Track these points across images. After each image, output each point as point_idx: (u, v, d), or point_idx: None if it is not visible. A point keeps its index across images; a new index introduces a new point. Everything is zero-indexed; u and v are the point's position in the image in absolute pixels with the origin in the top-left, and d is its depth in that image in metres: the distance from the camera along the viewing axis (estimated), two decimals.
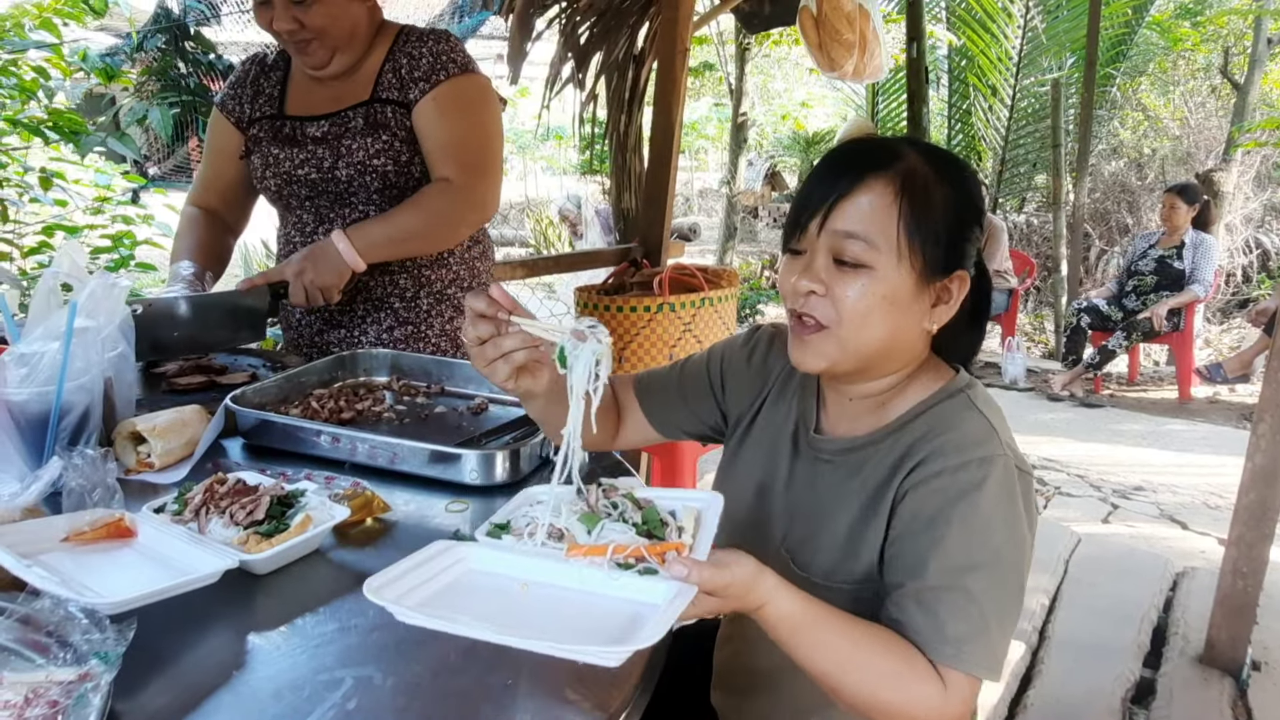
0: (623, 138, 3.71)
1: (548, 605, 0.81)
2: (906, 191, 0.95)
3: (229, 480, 1.06)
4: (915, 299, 0.97)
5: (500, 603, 0.82)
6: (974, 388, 1.03)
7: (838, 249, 0.95)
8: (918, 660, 0.88)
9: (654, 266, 3.25)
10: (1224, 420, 5.08)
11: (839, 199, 0.95)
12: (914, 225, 0.95)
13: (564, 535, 0.86)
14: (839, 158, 1.01)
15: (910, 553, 0.93)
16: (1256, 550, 2.40)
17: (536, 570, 0.84)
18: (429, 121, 1.75)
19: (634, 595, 0.81)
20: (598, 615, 0.79)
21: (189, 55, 2.95)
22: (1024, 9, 8.36)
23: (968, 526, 0.91)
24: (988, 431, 0.97)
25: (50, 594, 0.80)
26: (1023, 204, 9.32)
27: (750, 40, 9.95)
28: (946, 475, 0.93)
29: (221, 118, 1.89)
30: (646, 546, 0.83)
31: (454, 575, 0.85)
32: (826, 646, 0.87)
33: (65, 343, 1.14)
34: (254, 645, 0.86)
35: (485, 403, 1.54)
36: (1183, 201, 5.51)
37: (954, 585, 0.89)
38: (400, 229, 1.71)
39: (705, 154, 16.53)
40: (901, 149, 0.98)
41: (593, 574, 0.82)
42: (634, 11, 3.62)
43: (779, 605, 0.85)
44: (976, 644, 0.88)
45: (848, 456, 1.04)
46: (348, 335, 1.86)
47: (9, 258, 3.27)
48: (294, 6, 1.65)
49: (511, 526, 0.89)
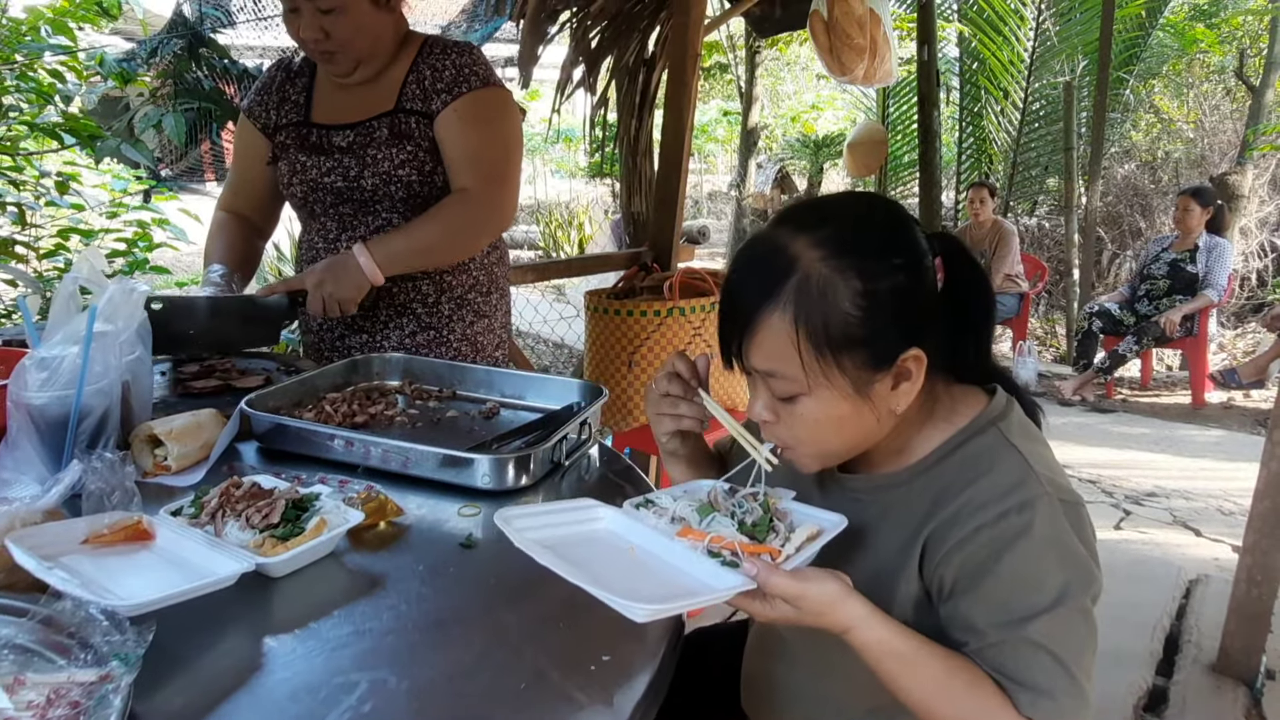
0: (633, 142, 3.71)
1: (636, 567, 0.90)
2: (800, 314, 0.87)
3: (245, 484, 1.07)
4: (860, 406, 0.91)
5: (603, 555, 0.91)
6: (1006, 418, 0.96)
7: (766, 385, 0.93)
8: (1003, 701, 0.85)
9: (664, 270, 3.25)
10: (1238, 426, 5.06)
11: (742, 342, 0.91)
12: (819, 347, 0.87)
13: (681, 519, 0.95)
14: (734, 281, 0.94)
15: (965, 614, 0.89)
16: (1271, 558, 2.39)
17: (649, 540, 0.93)
18: (450, 132, 1.76)
19: (706, 578, 0.86)
20: (665, 584, 0.86)
21: (204, 60, 2.97)
22: (1036, 11, 8.33)
23: (1019, 576, 0.87)
24: (1023, 471, 0.90)
25: (71, 596, 0.81)
26: (1034, 207, 9.28)
27: (761, 44, 9.96)
28: (986, 529, 0.88)
29: (249, 124, 1.91)
30: (743, 544, 0.89)
31: (586, 528, 0.95)
32: (912, 682, 0.86)
33: (85, 347, 1.15)
34: (270, 648, 0.87)
35: (497, 407, 1.55)
36: (1197, 204, 5.47)
37: (1016, 638, 0.86)
38: (421, 241, 1.73)
39: (715, 157, 16.54)
40: (795, 250, 0.89)
41: (686, 554, 0.89)
42: (645, 16, 3.62)
43: (866, 632, 0.85)
44: (1058, 692, 0.85)
45: (879, 496, 1.00)
46: (369, 340, 1.87)
47: (26, 260, 3.31)
48: (321, 16, 1.67)
49: (655, 502, 0.98)
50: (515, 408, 1.56)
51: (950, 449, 0.95)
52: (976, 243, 6.48)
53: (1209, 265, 5.34)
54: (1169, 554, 3.33)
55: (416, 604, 0.95)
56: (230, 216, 1.94)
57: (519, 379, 1.62)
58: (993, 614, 0.87)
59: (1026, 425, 0.98)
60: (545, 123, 4.20)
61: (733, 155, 13.41)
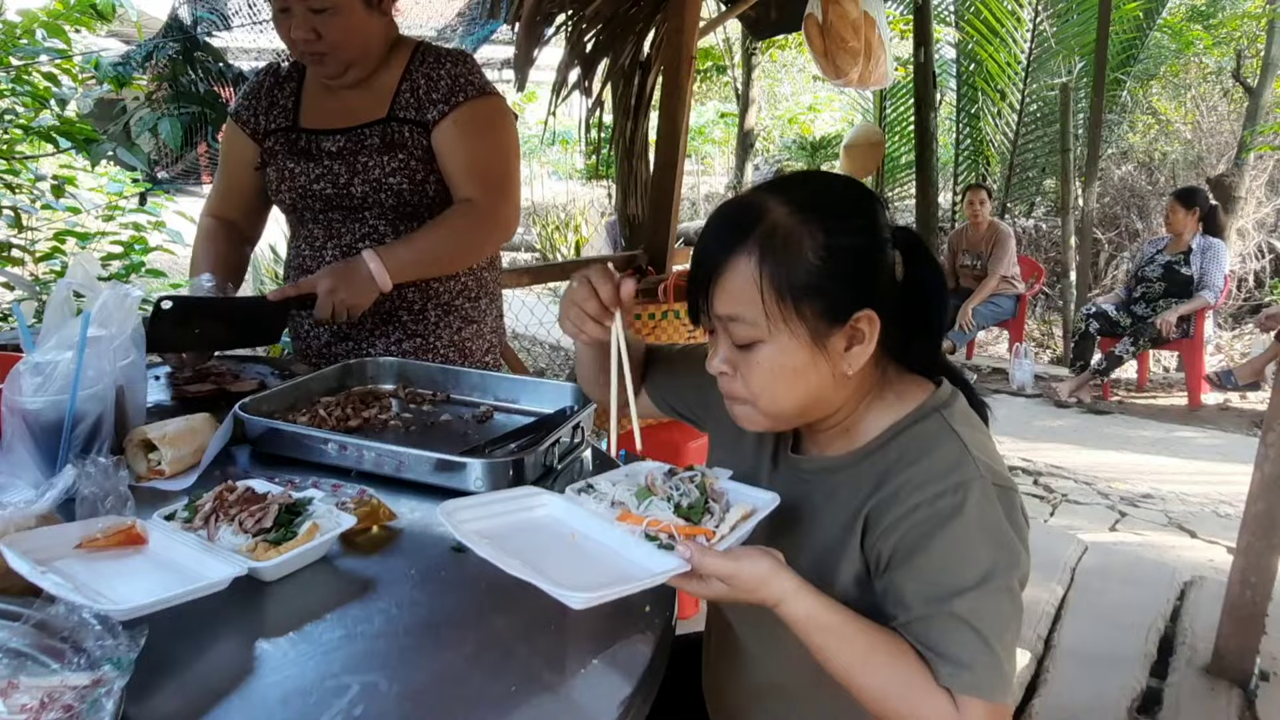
0: (629, 144, 3.72)
1: (577, 554, 0.93)
2: (766, 259, 0.92)
3: (238, 488, 1.07)
4: (816, 357, 0.94)
5: (544, 544, 0.94)
6: (949, 406, 1.00)
7: (728, 332, 0.96)
8: (923, 674, 0.88)
9: (659, 273, 3.26)
10: (1234, 427, 5.06)
11: (710, 286, 0.95)
12: (782, 291, 0.92)
13: (620, 503, 0.97)
14: (705, 237, 0.99)
15: (897, 588, 0.92)
16: (1265, 560, 2.40)
17: (590, 525, 0.96)
18: (450, 143, 1.77)
19: (644, 562, 0.89)
20: (606, 570, 0.89)
21: (199, 63, 2.98)
22: (1033, 13, 8.35)
23: (949, 554, 0.90)
24: (961, 455, 0.94)
25: (65, 600, 0.81)
26: (1031, 209, 9.30)
27: (757, 46, 9.97)
28: (924, 508, 0.92)
29: (236, 129, 1.90)
30: (679, 527, 0.91)
31: (528, 515, 0.99)
32: (837, 654, 0.89)
33: (79, 352, 1.15)
34: (262, 651, 0.88)
35: (490, 411, 1.55)
36: (1181, 206, 5.46)
37: (941, 613, 0.89)
38: (429, 250, 1.73)
39: (712, 159, 16.55)
40: (765, 204, 0.95)
41: (625, 538, 0.92)
42: (640, 19, 3.64)
43: (795, 605, 0.88)
44: (977, 666, 0.87)
45: (826, 478, 1.04)
46: (355, 348, 1.87)
47: (22, 264, 3.31)
48: (313, 16, 1.66)
49: (596, 487, 0.99)
50: (509, 411, 1.57)
51: (895, 433, 0.99)
52: (973, 244, 6.49)
53: (1203, 266, 5.34)
54: (1164, 556, 3.33)
55: (408, 608, 0.96)
56: (218, 223, 1.92)
57: (512, 383, 1.62)
58: (922, 589, 0.90)
59: (969, 414, 1.01)
60: (542, 124, 4.22)
61: (730, 157, 13.42)
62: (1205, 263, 5.34)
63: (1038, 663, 2.56)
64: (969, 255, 6.52)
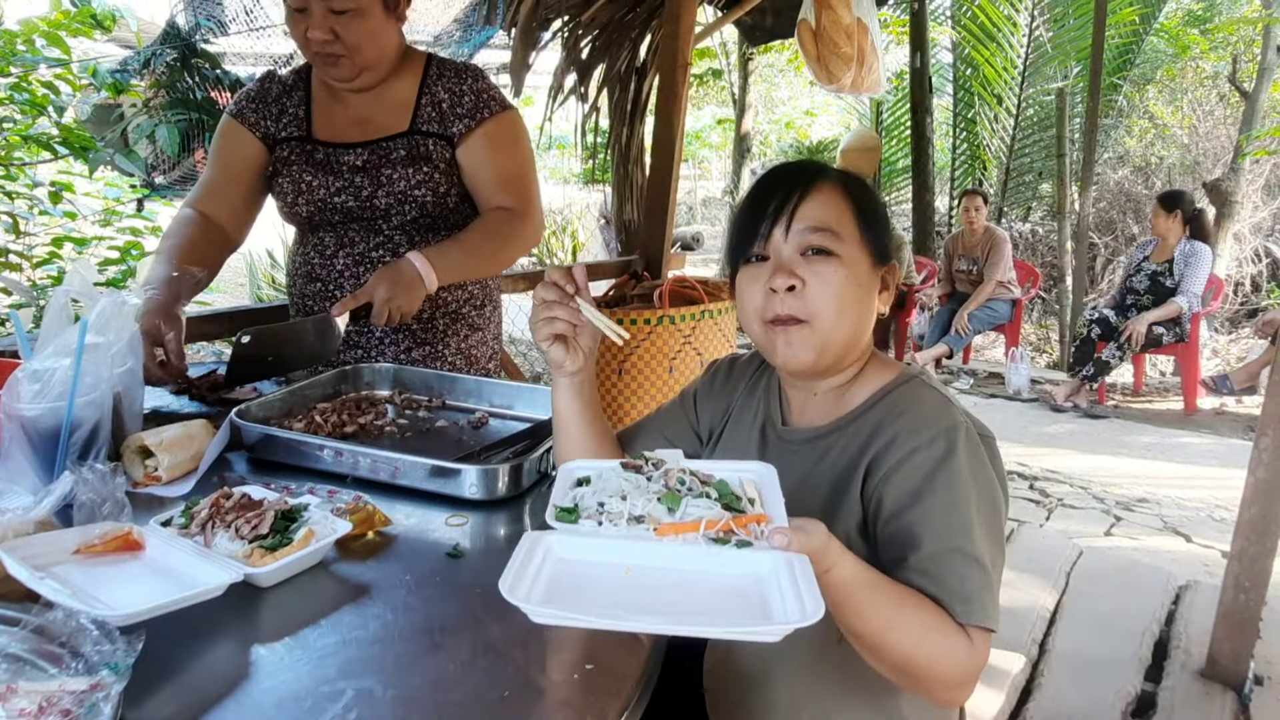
0: (624, 150, 3.74)
1: (660, 588, 0.81)
2: (850, 190, 1.09)
3: (234, 495, 1.08)
4: (873, 283, 1.09)
5: (614, 590, 0.81)
6: (924, 373, 1.13)
7: (805, 244, 1.05)
8: (944, 616, 0.93)
9: (655, 279, 3.27)
10: (1230, 432, 5.08)
11: (799, 201, 1.06)
12: (862, 215, 1.08)
13: (643, 518, 0.85)
14: (779, 172, 1.12)
15: (905, 529, 0.98)
16: (1259, 564, 2.41)
17: (632, 553, 0.83)
18: (480, 157, 1.81)
19: (740, 569, 0.81)
20: (717, 592, 0.79)
21: (197, 70, 2.99)
22: (1029, 18, 8.39)
23: (950, 492, 0.97)
24: (945, 403, 1.05)
25: (63, 606, 0.82)
26: (1028, 213, 9.33)
27: (754, 51, 9.98)
28: (921, 451, 1.00)
29: (240, 128, 1.83)
30: (734, 519, 0.84)
31: (552, 568, 0.83)
32: (878, 605, 0.91)
33: (76, 359, 1.16)
34: (258, 656, 0.88)
35: (486, 417, 1.56)
36: (1162, 209, 5.46)
37: (951, 548, 0.95)
38: (474, 252, 1.76)
39: (709, 163, 16.57)
40: (822, 166, 1.12)
41: (690, 552, 0.82)
42: (636, 25, 3.65)
43: (844, 568, 0.88)
44: (984, 599, 0.94)
45: (815, 444, 1.11)
46: (365, 356, 1.87)
47: (19, 269, 3.32)
48: (333, 17, 1.65)
49: (581, 511, 0.87)
50: (504, 417, 1.58)
51: (878, 399, 1.09)
52: (970, 249, 6.51)
53: (1182, 272, 5.35)
54: (1159, 560, 3.34)
55: (403, 613, 0.97)
56: (199, 215, 1.78)
57: (508, 389, 1.63)
58: (934, 526, 0.97)
59: (939, 380, 1.14)
60: (539, 129, 4.23)
61: (727, 161, 13.45)
62: (1185, 268, 5.34)
63: (1032, 666, 2.57)
64: (965, 260, 6.54)
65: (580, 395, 1.18)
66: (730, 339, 2.93)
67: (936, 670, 0.92)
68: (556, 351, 1.14)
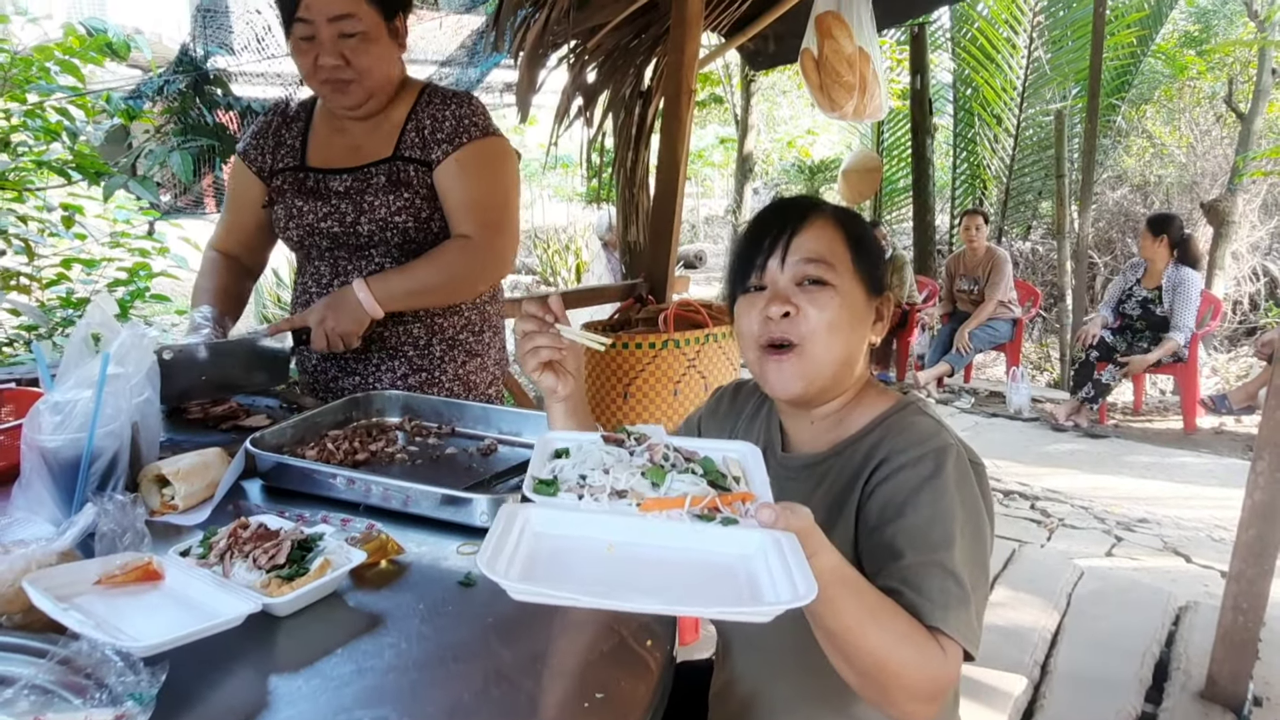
0: (630, 173, 3.78)
1: (644, 565, 0.78)
2: (843, 224, 1.14)
3: (252, 525, 1.11)
4: (866, 314, 1.14)
5: (597, 567, 0.77)
6: (922, 401, 1.17)
7: (801, 274, 1.10)
8: (917, 624, 0.93)
9: (659, 302, 3.30)
10: (1229, 451, 5.09)
11: (794, 234, 1.12)
12: (856, 248, 1.13)
13: (625, 493, 0.83)
14: (777, 207, 1.18)
15: (887, 540, 1.00)
16: (1257, 586, 2.42)
17: (614, 529, 0.80)
18: (451, 180, 1.81)
19: (726, 547, 0.80)
20: (704, 570, 0.77)
21: (209, 98, 3.04)
22: (1028, 40, 8.46)
23: (934, 508, 1.00)
24: (937, 427, 1.09)
25: (87, 637, 0.84)
26: (1028, 231, 9.38)
27: (756, 73, 10.06)
28: (908, 468, 1.03)
29: (244, 167, 1.93)
30: (719, 496, 0.82)
31: (531, 543, 0.80)
32: (855, 603, 0.89)
33: (98, 391, 1.19)
34: (276, 686, 0.90)
35: (494, 444, 1.59)
36: (1150, 233, 5.47)
37: (930, 561, 0.97)
38: (419, 282, 1.78)
39: (711, 181, 16.65)
40: (820, 201, 1.18)
41: (675, 528, 0.80)
42: (641, 51, 3.70)
43: (826, 557, 0.87)
44: (961, 612, 0.95)
45: (813, 470, 1.15)
46: (362, 382, 1.90)
47: (28, 291, 3.35)
48: (342, 42, 1.69)
49: (561, 484, 0.85)
50: (512, 445, 1.60)
51: (874, 425, 1.13)
52: (970, 269, 6.55)
53: (1173, 305, 5.35)
54: (1159, 580, 3.35)
55: (417, 642, 0.99)
56: (221, 257, 1.97)
57: (516, 416, 1.66)
58: (913, 539, 0.99)
59: (935, 409, 1.13)
60: (542, 148, 4.28)
61: (729, 180, 13.52)
62: (1174, 301, 5.35)
63: (1034, 688, 2.58)
64: (966, 280, 6.58)
65: (575, 415, 1.23)
66: (734, 362, 2.96)
67: (906, 678, 0.90)
68: (547, 379, 1.20)
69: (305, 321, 1.74)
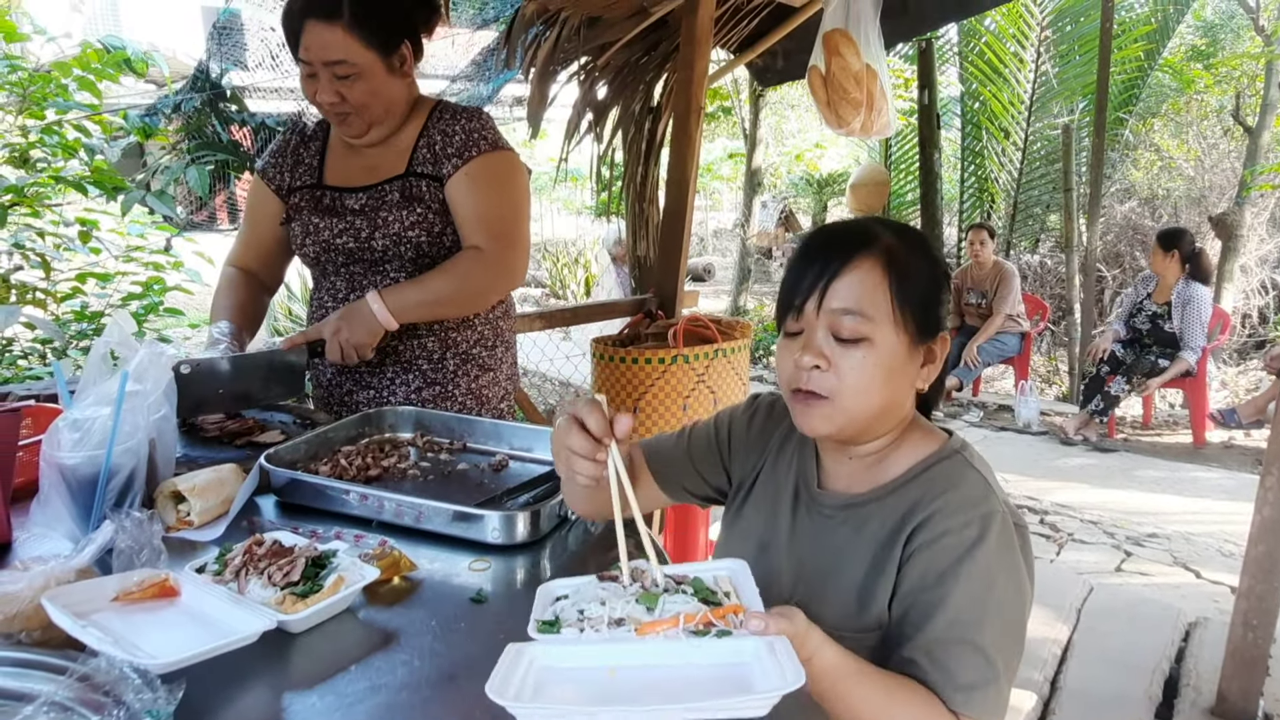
0: (639, 188, 3.80)
1: (647, 683, 0.81)
2: (892, 266, 1.04)
3: (266, 542, 1.12)
4: (908, 363, 1.06)
5: (600, 691, 0.81)
6: (967, 448, 1.11)
7: (835, 326, 1.04)
8: (937, 705, 0.94)
9: (669, 317, 3.31)
10: (1239, 465, 5.07)
11: (831, 279, 1.04)
12: (902, 296, 1.03)
13: (623, 620, 0.86)
14: (822, 241, 1.09)
15: (921, 608, 0.99)
16: (1267, 603, 2.42)
17: (615, 655, 0.84)
18: (461, 194, 1.83)
19: (723, 658, 0.83)
20: (704, 680, 0.80)
21: (224, 114, 3.08)
22: (1035, 54, 8.48)
23: (972, 581, 0.98)
24: (985, 489, 1.04)
25: (105, 654, 0.85)
26: (1037, 244, 9.37)
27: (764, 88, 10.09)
28: (952, 535, 1.00)
29: (262, 185, 1.98)
30: (712, 612, 0.85)
31: (537, 676, 0.83)
32: (863, 698, 0.91)
33: (116, 408, 1.21)
34: (290, 703, 0.92)
35: (506, 460, 1.60)
36: (1160, 248, 5.46)
37: (962, 638, 0.96)
38: (432, 294, 1.80)
39: (720, 194, 16.69)
40: (875, 229, 1.07)
41: (672, 646, 0.83)
42: (650, 68, 3.73)
43: (825, 657, 0.88)
44: (986, 692, 0.95)
45: (853, 512, 1.10)
46: (376, 396, 1.92)
47: (44, 305, 3.39)
48: (338, 81, 1.74)
49: (562, 622, 0.88)
50: (524, 460, 1.61)
51: (919, 470, 1.08)
52: (978, 282, 6.55)
53: (1183, 323, 5.34)
54: (1169, 596, 3.34)
55: (430, 659, 1.00)
56: (239, 273, 2.01)
57: (527, 432, 1.67)
58: (946, 612, 0.97)
59: (982, 457, 1.12)
60: (552, 161, 4.30)
61: (738, 193, 13.57)
62: (1184, 319, 5.33)
63: (1044, 705, 2.57)
64: (974, 293, 6.58)
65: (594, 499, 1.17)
66: (744, 378, 2.97)
67: None
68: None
69: (320, 334, 1.76)
